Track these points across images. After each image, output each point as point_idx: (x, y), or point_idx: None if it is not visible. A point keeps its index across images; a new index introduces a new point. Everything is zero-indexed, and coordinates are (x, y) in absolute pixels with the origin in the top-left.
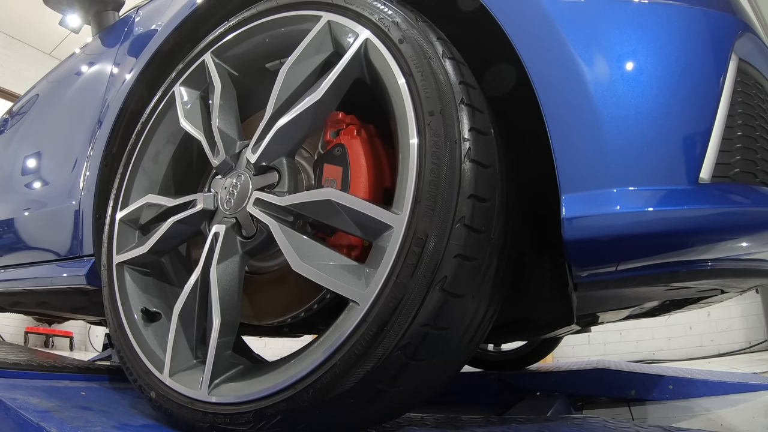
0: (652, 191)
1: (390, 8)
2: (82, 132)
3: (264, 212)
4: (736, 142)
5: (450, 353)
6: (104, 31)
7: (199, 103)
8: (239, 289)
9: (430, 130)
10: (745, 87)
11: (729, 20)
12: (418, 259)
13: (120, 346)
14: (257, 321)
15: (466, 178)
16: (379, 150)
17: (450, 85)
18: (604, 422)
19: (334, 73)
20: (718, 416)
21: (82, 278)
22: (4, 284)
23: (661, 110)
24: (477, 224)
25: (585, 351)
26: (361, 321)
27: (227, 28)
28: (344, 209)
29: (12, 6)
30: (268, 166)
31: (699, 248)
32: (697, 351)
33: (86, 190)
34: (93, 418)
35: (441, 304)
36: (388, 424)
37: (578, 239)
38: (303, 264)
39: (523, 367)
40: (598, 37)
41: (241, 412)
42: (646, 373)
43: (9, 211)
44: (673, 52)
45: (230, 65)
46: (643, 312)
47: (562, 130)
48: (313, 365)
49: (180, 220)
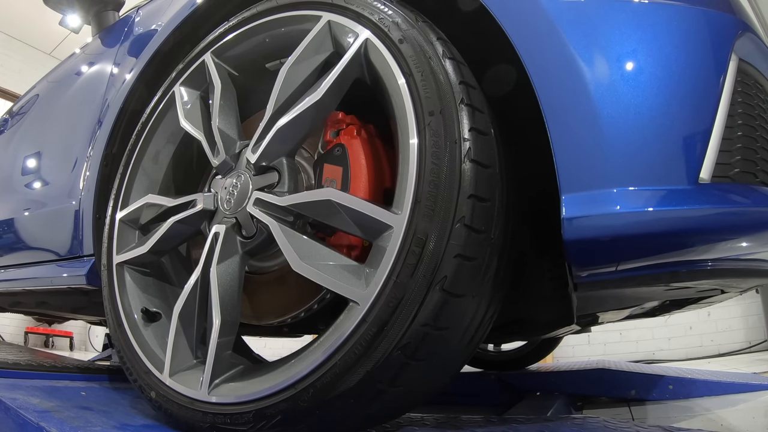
0: (652, 191)
1: (390, 8)
2: (82, 132)
3: (264, 212)
4: (736, 142)
5: (450, 353)
6: (104, 31)
7: (199, 103)
8: (239, 289)
9: (430, 130)
10: (745, 87)
11: (729, 20)
12: (418, 259)
13: (120, 346)
14: (257, 321)
15: (466, 178)
16: (379, 150)
17: (450, 85)
18: (604, 422)
19: (334, 73)
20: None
21: (82, 278)
22: (4, 284)
23: (661, 110)
24: (477, 224)
25: (585, 351)
26: (361, 321)
27: (227, 28)
28: (344, 209)
29: (12, 6)
30: (268, 166)
31: (699, 248)
32: (697, 351)
33: (86, 190)
34: (93, 418)
35: (441, 304)
36: (388, 424)
37: (578, 239)
38: (303, 264)
39: (523, 367)
40: (598, 37)
41: (241, 412)
42: (646, 373)
43: (9, 211)
44: (673, 52)
45: (230, 65)
46: (643, 312)
47: (562, 130)
48: (313, 365)
49: (180, 220)
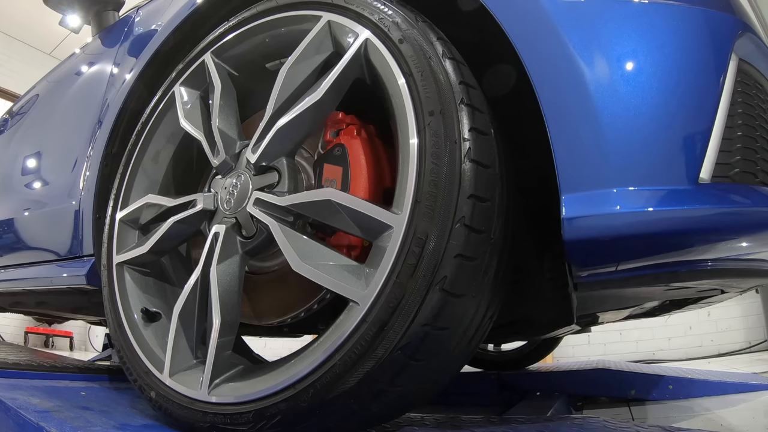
0: (652, 191)
1: (390, 8)
2: (82, 132)
3: (264, 212)
4: (736, 142)
5: (450, 353)
6: (104, 31)
7: (199, 103)
8: (239, 289)
9: (430, 130)
10: (745, 87)
11: (729, 20)
12: (418, 259)
13: (120, 346)
14: (257, 321)
15: (466, 178)
16: (379, 150)
17: (450, 85)
18: (604, 422)
19: (334, 73)
20: (718, 416)
21: (82, 278)
22: (4, 284)
23: (661, 110)
24: (477, 224)
25: (585, 351)
26: (361, 321)
27: (227, 28)
28: (344, 209)
29: (12, 6)
30: (268, 166)
31: (699, 248)
32: (697, 351)
33: (86, 190)
34: (93, 418)
35: (441, 304)
36: (388, 424)
37: (578, 239)
38: (303, 264)
39: (523, 367)
40: (598, 37)
41: (241, 412)
42: (646, 373)
43: (9, 211)
44: (673, 52)
45: (230, 65)
46: (643, 312)
47: (562, 130)
48: (313, 365)
49: (180, 220)
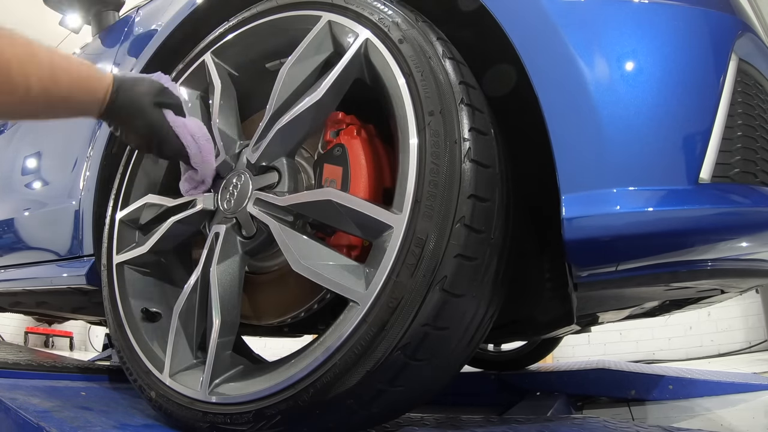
0: (652, 191)
1: (390, 8)
2: (82, 132)
3: (264, 212)
4: (736, 142)
5: (450, 353)
6: (104, 31)
7: (199, 103)
8: (239, 289)
9: (430, 130)
10: (745, 87)
11: (729, 20)
12: (418, 259)
13: (120, 346)
14: (257, 321)
15: (466, 178)
16: (379, 150)
17: (450, 85)
18: (604, 422)
19: (334, 73)
20: (718, 416)
21: (82, 278)
22: (4, 284)
23: (660, 110)
24: (477, 224)
25: (585, 351)
26: (361, 321)
27: (227, 28)
28: (344, 209)
29: (12, 6)
30: (268, 166)
31: (699, 248)
32: (697, 351)
33: (86, 190)
34: (93, 418)
35: (441, 304)
36: (388, 424)
37: (578, 239)
38: (303, 264)
39: (523, 367)
40: (598, 38)
41: (241, 412)
42: (646, 373)
43: (9, 211)
44: (673, 52)
45: (230, 65)
46: (643, 312)
47: (562, 130)
48: (313, 365)
49: (180, 220)
